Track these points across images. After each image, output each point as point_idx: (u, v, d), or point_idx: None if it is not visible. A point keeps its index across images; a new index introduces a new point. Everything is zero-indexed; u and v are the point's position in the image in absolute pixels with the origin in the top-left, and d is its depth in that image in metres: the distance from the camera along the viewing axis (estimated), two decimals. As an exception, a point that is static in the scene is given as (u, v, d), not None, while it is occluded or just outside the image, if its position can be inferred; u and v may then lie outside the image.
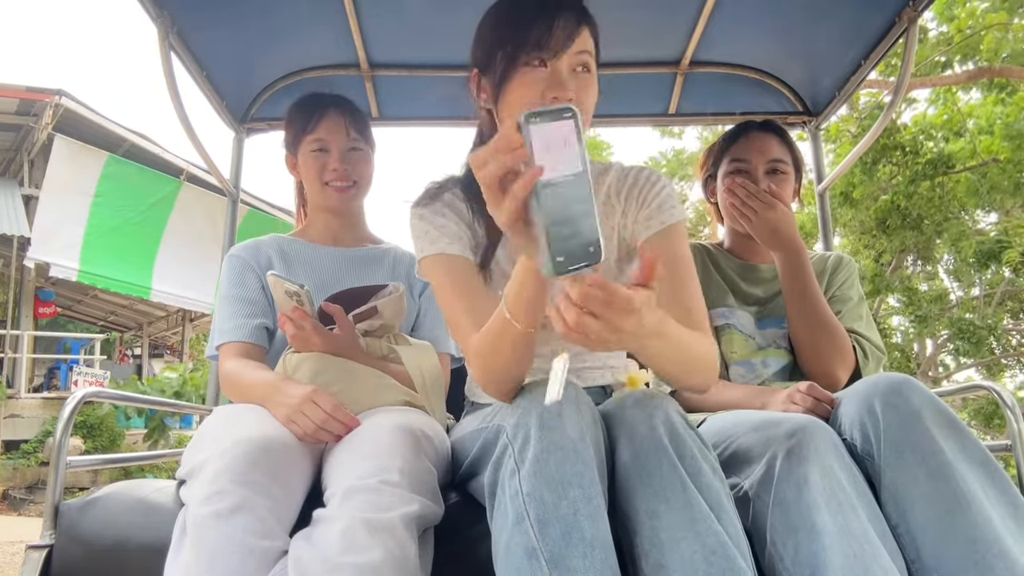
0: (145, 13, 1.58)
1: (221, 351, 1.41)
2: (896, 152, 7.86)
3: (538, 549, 0.81)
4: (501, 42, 1.07)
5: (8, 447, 8.50)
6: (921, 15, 1.68)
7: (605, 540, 0.83)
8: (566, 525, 0.82)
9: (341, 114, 1.50)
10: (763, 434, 1.03)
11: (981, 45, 6.59)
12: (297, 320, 1.28)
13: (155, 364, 15.74)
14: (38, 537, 1.10)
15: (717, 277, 1.61)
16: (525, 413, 0.90)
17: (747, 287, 1.61)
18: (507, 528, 0.85)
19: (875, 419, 1.02)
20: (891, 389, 1.03)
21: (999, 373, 9.98)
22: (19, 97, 8.41)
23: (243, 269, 1.48)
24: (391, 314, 1.41)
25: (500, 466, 0.91)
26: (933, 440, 0.98)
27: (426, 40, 1.86)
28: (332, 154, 1.49)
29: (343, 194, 1.51)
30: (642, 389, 1.03)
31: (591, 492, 0.85)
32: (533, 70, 1.05)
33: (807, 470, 0.95)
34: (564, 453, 0.86)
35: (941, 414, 1.01)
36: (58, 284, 11.01)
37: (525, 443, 0.88)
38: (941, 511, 0.94)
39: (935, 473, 0.96)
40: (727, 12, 1.76)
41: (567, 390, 0.91)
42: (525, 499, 0.84)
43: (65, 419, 1.17)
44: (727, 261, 1.65)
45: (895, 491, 0.98)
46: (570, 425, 0.88)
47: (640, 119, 2.29)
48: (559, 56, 1.04)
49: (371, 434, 1.09)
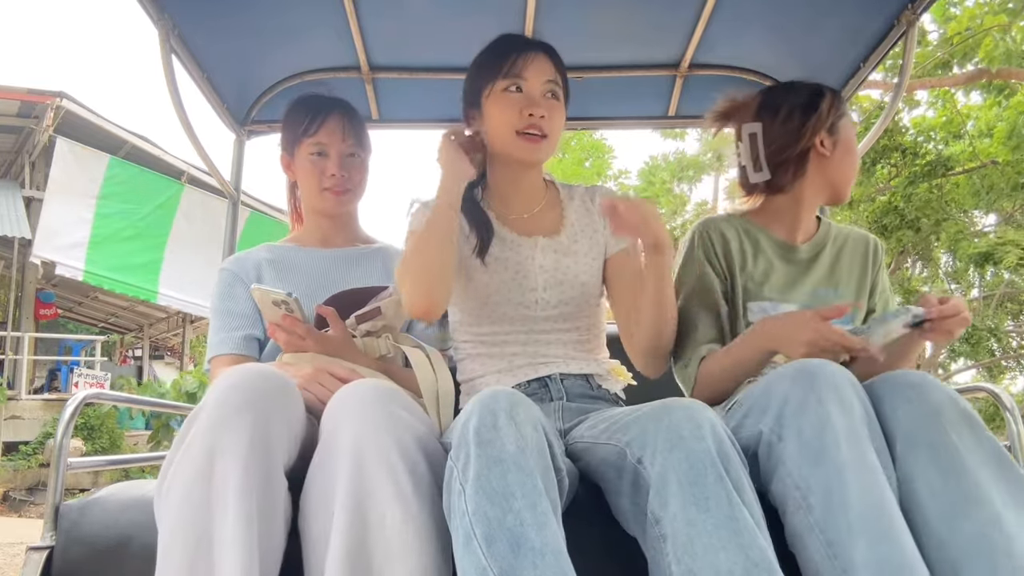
0: (146, 15, 1.59)
1: (212, 364, 1.43)
2: (895, 153, 7.86)
3: (488, 568, 0.81)
4: (483, 76, 1.31)
5: (8, 448, 8.50)
6: (920, 17, 1.69)
7: (555, 545, 0.84)
8: (513, 537, 0.83)
9: (341, 119, 1.50)
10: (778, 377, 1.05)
11: (980, 47, 6.59)
12: (288, 327, 1.30)
13: (156, 366, 15.75)
14: (39, 538, 1.10)
15: (759, 262, 1.42)
16: (463, 430, 0.92)
17: (790, 269, 1.44)
18: (459, 551, 0.86)
19: (894, 416, 1.03)
20: (912, 386, 1.04)
21: (999, 375, 9.97)
22: (20, 99, 8.44)
23: (231, 282, 1.49)
24: (393, 314, 1.41)
25: (450, 488, 0.91)
26: (947, 436, 0.98)
27: (426, 43, 1.86)
28: (331, 159, 1.49)
29: (339, 198, 1.51)
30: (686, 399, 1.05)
31: (535, 500, 0.85)
32: (510, 94, 1.29)
33: (828, 409, 0.96)
34: (504, 466, 0.87)
35: (958, 411, 1.01)
36: (59, 285, 11.03)
37: (467, 462, 0.89)
38: (950, 507, 0.94)
39: (946, 469, 0.97)
40: (726, 14, 1.77)
41: (502, 402, 0.92)
42: (471, 519, 0.85)
43: (66, 421, 1.17)
44: (765, 239, 1.45)
45: (907, 485, 0.99)
46: (507, 437, 0.89)
47: (640, 121, 2.29)
48: (531, 82, 1.29)
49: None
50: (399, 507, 0.91)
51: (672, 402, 1.00)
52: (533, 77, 1.29)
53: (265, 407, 0.95)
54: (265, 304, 1.33)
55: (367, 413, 0.96)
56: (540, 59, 1.30)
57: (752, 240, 1.44)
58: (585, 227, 1.40)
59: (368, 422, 0.95)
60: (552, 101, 1.31)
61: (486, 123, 1.32)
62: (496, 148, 1.34)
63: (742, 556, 0.83)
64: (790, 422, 0.98)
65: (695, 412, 0.96)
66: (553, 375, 1.31)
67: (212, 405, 0.94)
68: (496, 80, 1.29)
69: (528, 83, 1.29)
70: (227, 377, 0.98)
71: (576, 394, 1.31)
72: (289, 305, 1.29)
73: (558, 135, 1.33)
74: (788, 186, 1.43)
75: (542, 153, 1.31)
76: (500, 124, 1.29)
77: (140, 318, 15.09)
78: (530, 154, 1.30)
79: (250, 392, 0.95)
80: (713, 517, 0.86)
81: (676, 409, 0.98)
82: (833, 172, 1.42)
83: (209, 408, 0.94)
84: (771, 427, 1.01)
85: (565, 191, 1.45)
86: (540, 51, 1.31)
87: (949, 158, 7.91)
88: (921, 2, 1.64)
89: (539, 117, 1.27)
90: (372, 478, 0.91)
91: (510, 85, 1.28)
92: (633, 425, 1.02)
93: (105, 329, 16.05)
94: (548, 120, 1.28)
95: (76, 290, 12.32)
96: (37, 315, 10.24)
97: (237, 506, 0.88)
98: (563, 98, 1.34)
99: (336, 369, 1.23)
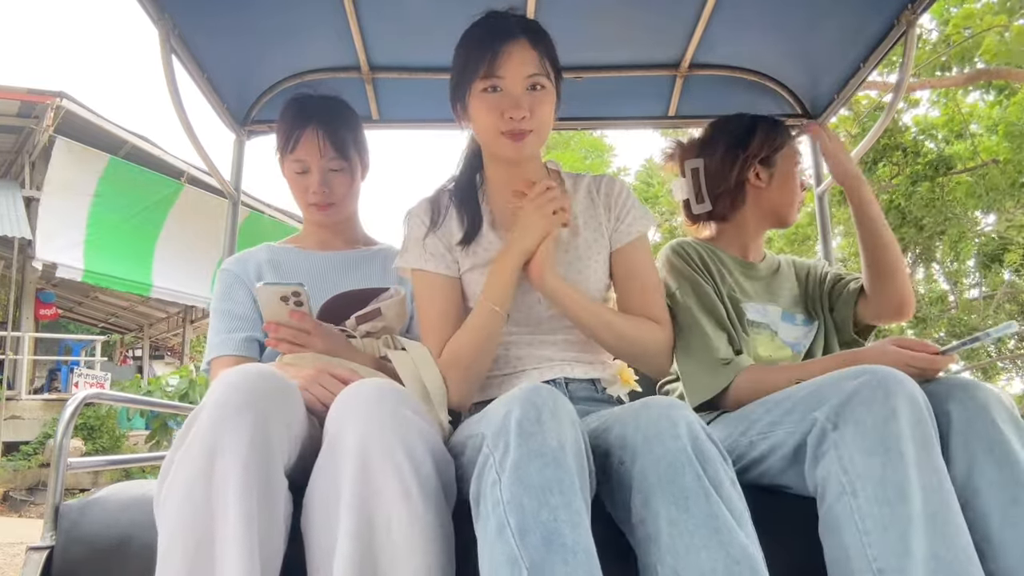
0: (146, 15, 1.59)
1: (212, 365, 1.43)
2: (897, 152, 7.86)
3: (519, 558, 0.81)
4: (462, 74, 1.25)
5: (9, 449, 8.50)
6: (920, 17, 1.69)
7: (586, 546, 0.84)
8: (547, 531, 0.83)
9: (316, 135, 1.45)
10: (841, 376, 1.06)
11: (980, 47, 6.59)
12: (296, 322, 1.28)
13: (156, 366, 15.74)
14: (39, 538, 1.10)
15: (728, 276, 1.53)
16: (504, 421, 0.91)
17: (754, 285, 1.55)
18: (489, 539, 0.86)
19: (946, 415, 1.07)
20: (959, 386, 1.10)
21: (994, 376, 9.96)
22: (20, 99, 8.42)
23: (232, 283, 1.49)
24: (393, 316, 1.41)
25: (483, 477, 0.91)
26: (1000, 431, 1.03)
27: (426, 43, 1.86)
28: (312, 175, 1.48)
29: (325, 212, 1.51)
30: (665, 397, 1.05)
31: (571, 498, 0.85)
32: (489, 95, 1.22)
33: (896, 402, 0.97)
34: (544, 460, 0.87)
35: (1006, 409, 1.07)
36: (59, 286, 11.02)
37: (505, 452, 0.89)
38: (1008, 498, 0.99)
39: (1002, 461, 1.01)
40: (726, 14, 1.77)
41: (546, 397, 0.92)
42: (506, 508, 0.85)
43: (66, 421, 1.17)
44: (728, 259, 1.57)
45: (962, 479, 1.02)
46: (550, 432, 0.89)
47: (639, 121, 2.29)
48: (509, 79, 1.21)
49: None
50: (405, 507, 0.91)
51: (650, 401, 1.00)
52: (512, 74, 1.21)
53: (265, 407, 0.95)
54: (271, 302, 1.29)
55: (372, 413, 0.96)
56: (520, 50, 1.21)
57: (717, 258, 1.53)
58: (589, 219, 1.36)
59: (373, 422, 0.95)
60: (535, 94, 1.23)
61: (472, 122, 1.28)
62: (485, 147, 1.33)
63: (723, 554, 0.85)
64: (852, 411, 1.00)
65: (671, 411, 0.96)
66: (558, 379, 1.30)
67: (212, 405, 0.94)
68: (474, 81, 1.22)
69: (507, 81, 1.21)
70: (227, 377, 0.98)
71: (581, 398, 1.31)
72: (300, 298, 1.28)
73: (547, 126, 1.27)
74: (730, 215, 1.56)
75: (527, 149, 1.25)
76: (483, 126, 1.25)
77: (140, 318, 15.08)
78: (515, 152, 1.25)
79: (250, 392, 0.95)
80: (693, 516, 0.87)
81: (653, 408, 0.98)
82: (771, 201, 1.54)
83: (209, 408, 0.94)
84: (827, 415, 1.02)
85: (570, 181, 1.42)
86: (521, 37, 1.22)
87: (950, 157, 7.91)
88: (921, 2, 1.64)
89: (519, 119, 1.20)
90: (378, 478, 0.91)
91: (488, 86, 1.22)
92: (615, 425, 1.02)
93: (105, 329, 16.05)
94: (532, 116, 1.21)
95: (76, 290, 12.31)
96: (37, 315, 10.24)
97: (237, 506, 0.88)
98: (552, 83, 1.26)
99: (337, 370, 1.23)
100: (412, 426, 0.98)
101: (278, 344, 1.31)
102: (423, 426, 1.00)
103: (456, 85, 1.29)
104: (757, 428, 1.15)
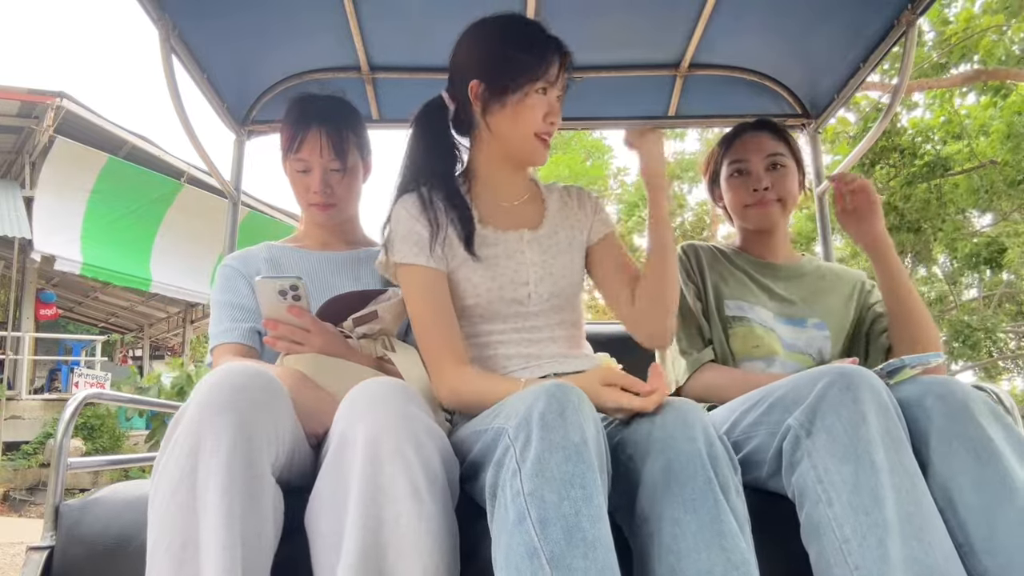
0: (146, 15, 1.59)
1: (214, 353, 1.42)
2: (894, 154, 7.86)
3: (539, 549, 0.82)
4: (515, 67, 1.26)
5: (9, 448, 8.50)
6: (920, 17, 1.69)
7: (606, 541, 0.84)
8: (567, 524, 0.83)
9: (320, 136, 1.45)
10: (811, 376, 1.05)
11: (977, 47, 6.60)
12: (295, 318, 1.28)
13: (156, 366, 15.73)
14: (39, 538, 1.10)
15: (735, 271, 1.61)
16: (527, 414, 0.91)
17: (766, 281, 1.60)
18: (508, 528, 0.85)
19: (925, 413, 1.05)
20: (935, 383, 1.08)
21: (996, 376, 9.97)
22: (20, 99, 8.43)
23: (234, 277, 1.48)
24: (392, 318, 1.41)
25: (501, 467, 0.91)
26: (981, 428, 1.01)
27: (426, 42, 1.87)
28: (314, 175, 1.47)
29: (325, 212, 1.51)
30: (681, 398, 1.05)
31: (592, 492, 0.86)
32: (539, 96, 1.28)
33: (865, 408, 0.97)
34: (566, 453, 0.87)
35: (986, 405, 1.05)
36: (59, 285, 11.03)
37: (527, 444, 0.89)
38: (990, 496, 0.97)
39: (984, 459, 0.99)
40: (726, 14, 1.77)
41: (569, 393, 0.93)
42: (527, 499, 0.85)
43: (66, 420, 1.17)
44: (740, 259, 1.65)
45: (944, 479, 1.00)
46: (572, 426, 0.89)
47: (639, 121, 2.28)
48: (553, 88, 1.29)
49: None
50: (414, 504, 0.91)
51: (667, 401, 1.01)
52: (556, 84, 1.30)
53: (248, 406, 0.94)
54: (269, 296, 1.28)
55: (381, 410, 0.96)
56: (562, 63, 1.31)
57: (725, 258, 1.65)
58: (564, 219, 1.41)
59: (382, 419, 0.95)
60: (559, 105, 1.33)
61: (502, 117, 1.29)
62: (506, 144, 1.32)
63: (723, 558, 0.86)
64: (822, 417, 0.99)
65: (687, 413, 0.98)
66: (549, 375, 1.31)
67: (195, 406, 0.94)
68: (535, 82, 1.27)
69: (552, 88, 1.30)
70: (211, 376, 0.97)
71: None
72: (298, 292, 1.27)
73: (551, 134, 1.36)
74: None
75: (547, 156, 1.35)
76: (523, 124, 1.28)
77: (140, 318, 15.08)
78: (542, 157, 1.33)
79: (232, 391, 0.95)
80: (699, 518, 0.88)
81: (668, 410, 0.99)
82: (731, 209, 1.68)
83: (192, 409, 0.94)
84: (801, 421, 1.01)
85: (544, 187, 1.48)
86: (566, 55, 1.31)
87: (947, 158, 7.91)
88: (921, 2, 1.64)
89: (555, 124, 1.30)
90: (387, 474, 0.91)
91: (542, 88, 1.28)
92: (630, 421, 1.03)
93: (105, 329, 16.04)
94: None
95: (76, 290, 12.32)
96: (37, 315, 10.24)
97: (218, 506, 0.88)
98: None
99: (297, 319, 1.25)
100: (420, 423, 0.97)
101: (277, 342, 1.30)
102: (431, 424, 1.00)
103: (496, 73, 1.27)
104: (740, 427, 1.15)
